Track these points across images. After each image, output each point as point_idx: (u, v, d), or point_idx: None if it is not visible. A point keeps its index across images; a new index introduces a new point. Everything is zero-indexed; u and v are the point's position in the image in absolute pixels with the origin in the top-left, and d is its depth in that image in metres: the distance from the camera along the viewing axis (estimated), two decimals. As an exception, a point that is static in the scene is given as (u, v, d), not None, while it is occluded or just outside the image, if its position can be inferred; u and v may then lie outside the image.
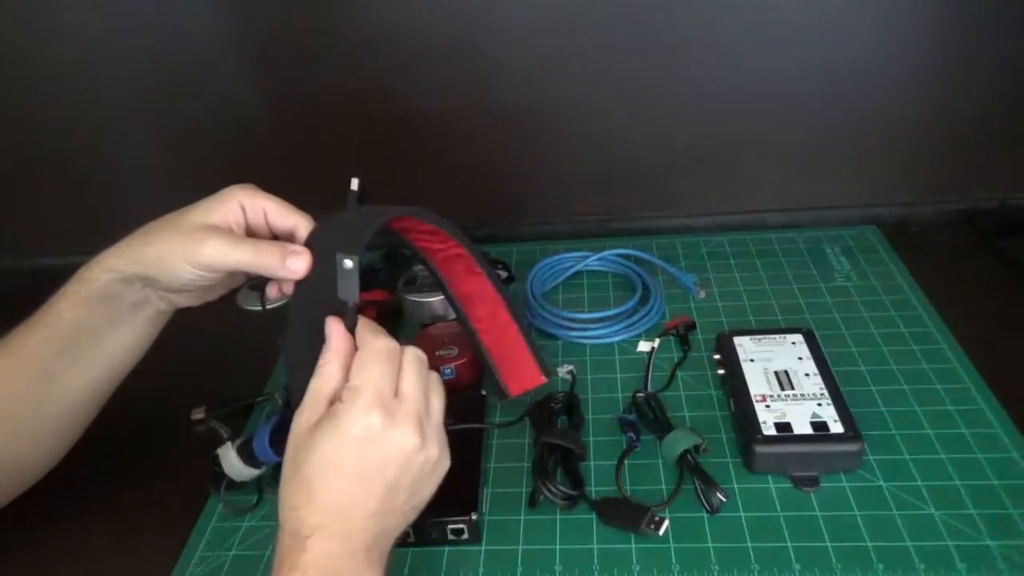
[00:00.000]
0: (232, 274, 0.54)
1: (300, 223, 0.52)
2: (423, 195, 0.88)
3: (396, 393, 0.44)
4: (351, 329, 0.46)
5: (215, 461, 0.55)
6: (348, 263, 0.45)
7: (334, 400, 0.44)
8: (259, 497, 0.58)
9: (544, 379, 0.58)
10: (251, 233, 0.53)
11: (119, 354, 0.56)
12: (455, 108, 0.82)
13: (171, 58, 0.81)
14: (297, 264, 0.49)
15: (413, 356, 0.46)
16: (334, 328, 0.46)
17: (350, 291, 0.45)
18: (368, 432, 0.42)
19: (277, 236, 0.53)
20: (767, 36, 0.76)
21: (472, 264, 0.58)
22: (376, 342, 0.45)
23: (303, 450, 0.43)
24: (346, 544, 0.42)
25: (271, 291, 0.53)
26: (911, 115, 0.80)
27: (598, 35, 0.77)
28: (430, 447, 0.45)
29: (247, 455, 0.55)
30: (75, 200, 0.91)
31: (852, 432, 0.55)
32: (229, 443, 0.55)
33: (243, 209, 0.52)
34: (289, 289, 0.51)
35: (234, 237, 0.51)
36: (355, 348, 0.46)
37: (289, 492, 0.43)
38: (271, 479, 0.58)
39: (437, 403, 0.47)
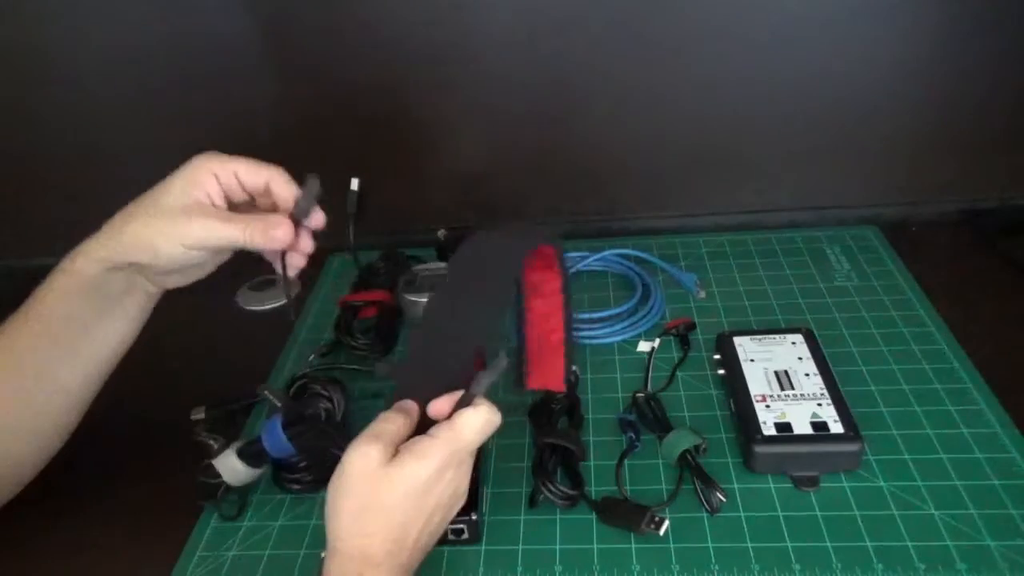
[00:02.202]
0: (219, 251, 0.55)
1: (272, 175, 0.53)
2: (423, 195, 0.89)
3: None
4: (464, 405, 0.48)
5: (207, 472, 0.55)
6: (505, 361, 0.48)
7: (396, 445, 0.46)
8: (247, 500, 0.59)
9: (563, 390, 0.62)
10: (228, 198, 0.54)
11: (110, 343, 0.56)
12: (455, 109, 0.82)
13: (172, 59, 0.80)
14: (279, 233, 0.51)
15: (497, 422, 0.49)
16: (437, 407, 0.49)
17: (484, 385, 0.48)
18: (446, 471, 0.46)
19: (252, 195, 0.54)
20: (767, 36, 0.76)
21: (553, 262, 0.63)
22: (491, 412, 0.48)
23: (385, 479, 0.44)
24: (404, 573, 0.45)
25: (292, 260, 0.54)
26: (911, 115, 0.80)
27: (598, 35, 0.77)
28: (463, 499, 0.50)
29: (251, 456, 0.55)
30: (75, 200, 0.91)
31: (852, 432, 0.55)
32: (228, 450, 0.55)
33: (216, 178, 0.52)
34: (296, 264, 0.54)
35: (221, 214, 0.52)
36: (428, 422, 0.48)
37: (364, 520, 0.44)
38: (270, 479, 0.59)
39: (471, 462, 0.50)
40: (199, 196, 0.51)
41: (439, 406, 0.49)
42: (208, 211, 0.51)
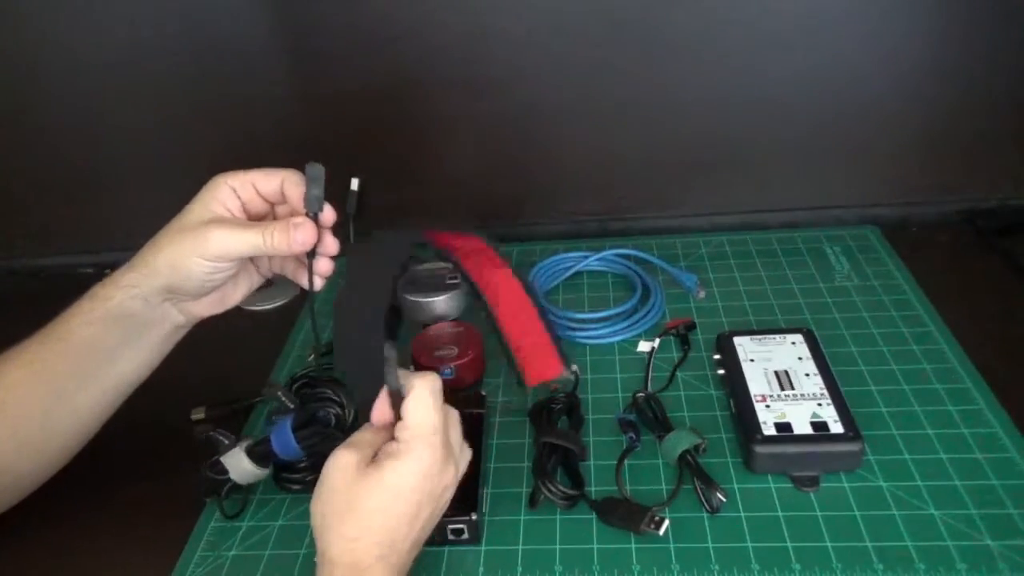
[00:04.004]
0: (247, 271, 0.56)
1: (285, 175, 0.53)
2: (424, 196, 0.89)
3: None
4: (397, 398, 0.48)
5: (213, 469, 0.55)
6: (392, 352, 0.48)
7: (373, 451, 0.46)
8: (248, 499, 0.59)
9: (563, 371, 0.59)
10: (249, 211, 0.54)
11: (130, 371, 0.56)
12: (456, 109, 0.82)
13: (173, 59, 0.80)
14: (300, 233, 0.50)
15: (438, 385, 0.48)
16: (377, 416, 0.48)
17: (392, 380, 0.48)
18: (431, 468, 0.45)
19: (272, 203, 0.55)
20: (767, 36, 0.76)
21: (495, 257, 0.61)
22: (425, 381, 0.47)
23: (362, 484, 0.44)
24: (396, 574, 0.44)
25: (317, 283, 0.54)
26: (911, 115, 0.80)
27: (598, 36, 0.77)
28: (455, 485, 0.49)
29: (259, 456, 0.54)
30: (75, 200, 0.91)
31: (852, 432, 0.55)
32: (238, 447, 0.55)
33: (235, 191, 0.53)
34: (324, 270, 0.54)
35: (238, 222, 0.52)
36: (395, 418, 0.48)
37: (346, 525, 0.44)
38: (270, 478, 0.59)
39: (456, 435, 0.50)
40: (218, 210, 0.52)
41: (378, 413, 0.48)
42: (226, 221, 0.51)
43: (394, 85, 0.81)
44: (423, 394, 0.46)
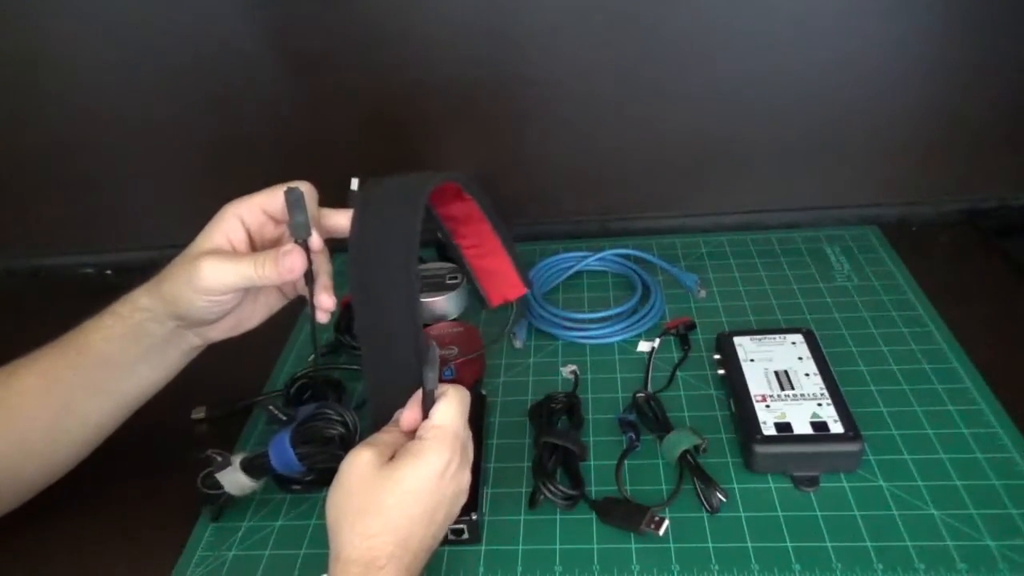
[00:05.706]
0: (268, 295, 0.57)
1: (284, 187, 0.52)
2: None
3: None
4: (429, 402, 0.48)
5: (207, 483, 0.55)
6: (436, 351, 0.48)
7: (392, 450, 0.47)
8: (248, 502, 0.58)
9: (525, 289, 0.61)
10: (262, 237, 0.54)
11: (145, 387, 0.57)
12: (456, 109, 0.82)
13: (171, 59, 0.80)
14: (290, 262, 0.50)
15: (468, 399, 0.50)
16: (408, 418, 0.48)
17: (430, 381, 0.48)
18: (448, 468, 0.46)
19: (282, 221, 0.54)
20: (767, 35, 0.76)
21: (459, 192, 0.61)
22: (457, 391, 0.49)
23: (380, 482, 0.44)
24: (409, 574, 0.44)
25: (320, 317, 0.54)
26: (911, 115, 0.80)
27: (598, 35, 0.77)
28: (466, 493, 0.49)
29: (256, 469, 0.54)
30: (75, 200, 0.91)
31: (852, 432, 0.55)
32: (233, 465, 0.54)
33: (242, 221, 0.53)
34: (326, 305, 0.53)
35: (229, 255, 0.51)
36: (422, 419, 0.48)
37: (363, 523, 0.44)
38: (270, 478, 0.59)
39: (469, 455, 0.50)
40: (218, 241, 0.52)
41: (409, 416, 0.48)
42: (216, 255, 0.51)
43: (394, 85, 0.81)
44: (455, 401, 0.48)
